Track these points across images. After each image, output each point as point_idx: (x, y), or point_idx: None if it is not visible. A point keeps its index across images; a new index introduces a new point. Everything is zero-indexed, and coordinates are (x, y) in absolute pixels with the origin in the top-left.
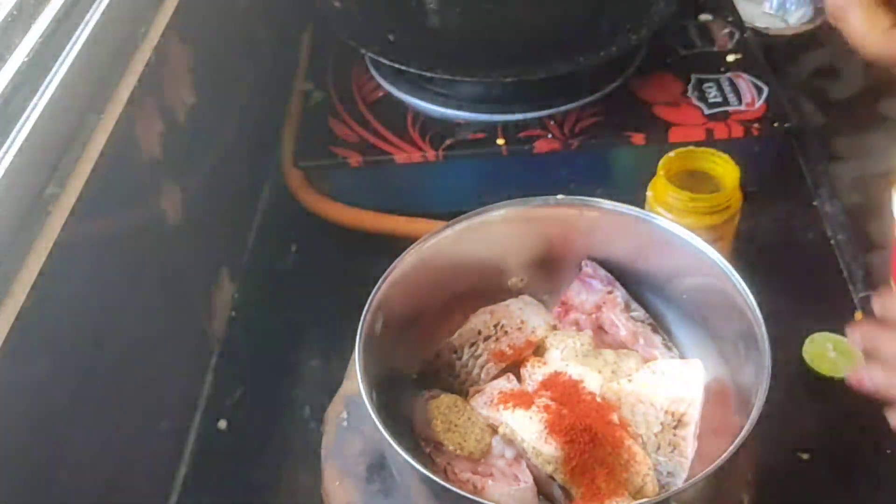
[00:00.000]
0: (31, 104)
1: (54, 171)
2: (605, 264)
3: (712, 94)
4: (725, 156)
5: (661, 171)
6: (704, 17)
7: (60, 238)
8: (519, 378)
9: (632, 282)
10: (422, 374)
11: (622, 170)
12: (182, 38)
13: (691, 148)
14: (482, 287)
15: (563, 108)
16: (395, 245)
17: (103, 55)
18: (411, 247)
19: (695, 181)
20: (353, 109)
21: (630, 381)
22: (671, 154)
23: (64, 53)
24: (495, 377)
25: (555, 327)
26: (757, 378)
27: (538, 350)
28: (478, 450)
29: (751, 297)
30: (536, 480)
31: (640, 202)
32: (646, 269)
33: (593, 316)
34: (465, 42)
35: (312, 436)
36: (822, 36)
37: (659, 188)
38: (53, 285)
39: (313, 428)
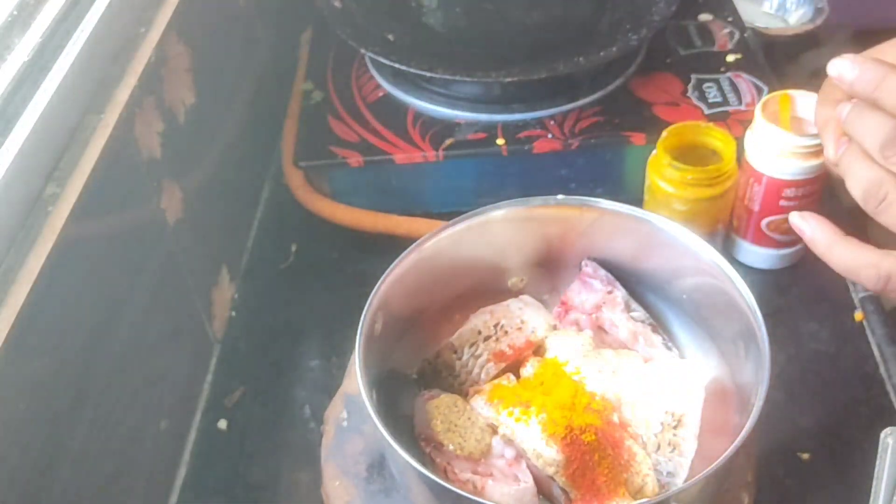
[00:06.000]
0: (31, 104)
1: (54, 171)
2: (605, 264)
3: (712, 94)
4: (722, 129)
5: (659, 146)
6: (704, 17)
7: (60, 238)
8: (519, 378)
9: (632, 282)
10: (422, 374)
11: (622, 170)
12: (182, 38)
13: (688, 123)
14: (482, 287)
15: (562, 108)
16: (395, 245)
17: (103, 55)
18: (411, 247)
19: (694, 156)
20: (353, 109)
21: (630, 381)
22: (667, 130)
23: (64, 53)
24: (495, 377)
25: (555, 327)
26: (757, 378)
27: (538, 350)
28: (478, 450)
29: (751, 297)
30: (536, 480)
31: (640, 202)
32: (646, 269)
33: (593, 316)
34: (465, 42)
35: (312, 436)
36: (822, 36)
37: (658, 163)
38: (53, 285)
39: (313, 428)
